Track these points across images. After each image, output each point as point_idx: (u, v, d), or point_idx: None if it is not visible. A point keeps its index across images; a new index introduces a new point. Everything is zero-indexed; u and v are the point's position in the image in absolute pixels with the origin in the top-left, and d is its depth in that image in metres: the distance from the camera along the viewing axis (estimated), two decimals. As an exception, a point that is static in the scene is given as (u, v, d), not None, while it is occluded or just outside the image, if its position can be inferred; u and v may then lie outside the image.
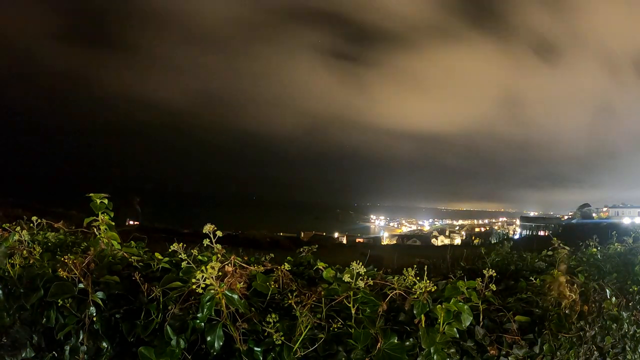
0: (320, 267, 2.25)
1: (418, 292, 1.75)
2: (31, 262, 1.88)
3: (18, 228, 2.03)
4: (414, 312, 1.74)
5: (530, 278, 2.49)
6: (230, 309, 1.62)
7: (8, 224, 2.16)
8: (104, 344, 1.70)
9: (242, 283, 1.70)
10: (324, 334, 1.69)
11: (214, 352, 1.58)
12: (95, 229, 2.05)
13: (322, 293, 1.76)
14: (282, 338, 1.61)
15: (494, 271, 1.99)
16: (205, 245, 1.77)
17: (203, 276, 1.56)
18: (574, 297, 2.15)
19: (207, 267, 1.56)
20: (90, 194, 2.08)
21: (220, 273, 1.61)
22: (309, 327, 1.66)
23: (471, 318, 1.82)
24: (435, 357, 1.74)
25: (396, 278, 1.87)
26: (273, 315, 1.62)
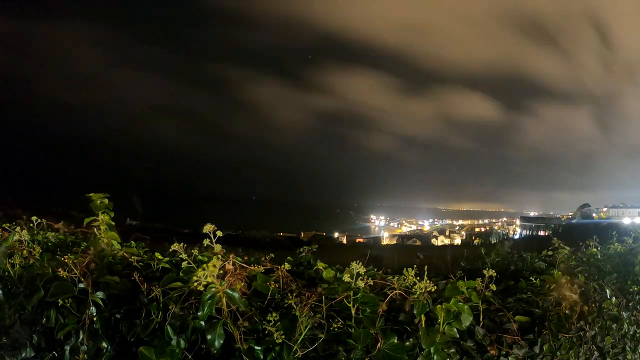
0: (320, 267, 2.25)
1: (418, 292, 1.75)
2: (31, 262, 1.88)
3: (18, 228, 2.03)
4: (414, 312, 1.74)
5: (530, 278, 2.50)
6: (231, 308, 1.63)
7: (8, 224, 2.17)
8: (104, 344, 1.70)
9: (242, 283, 1.70)
10: (324, 333, 1.68)
11: (215, 350, 1.58)
12: (95, 229, 2.05)
13: (322, 293, 1.76)
14: (283, 337, 1.61)
15: (494, 271, 1.99)
16: (205, 245, 1.77)
17: (204, 274, 1.56)
18: (574, 297, 2.15)
19: (209, 265, 1.56)
20: (90, 194, 2.08)
21: (221, 271, 1.62)
22: (309, 326, 1.65)
23: (471, 318, 1.81)
24: (435, 357, 1.74)
25: (396, 278, 1.87)
26: (274, 314, 1.62)
